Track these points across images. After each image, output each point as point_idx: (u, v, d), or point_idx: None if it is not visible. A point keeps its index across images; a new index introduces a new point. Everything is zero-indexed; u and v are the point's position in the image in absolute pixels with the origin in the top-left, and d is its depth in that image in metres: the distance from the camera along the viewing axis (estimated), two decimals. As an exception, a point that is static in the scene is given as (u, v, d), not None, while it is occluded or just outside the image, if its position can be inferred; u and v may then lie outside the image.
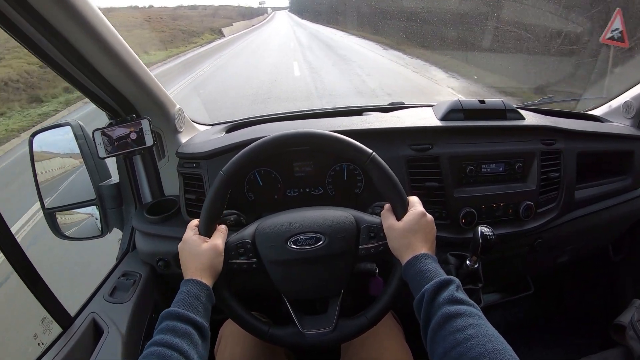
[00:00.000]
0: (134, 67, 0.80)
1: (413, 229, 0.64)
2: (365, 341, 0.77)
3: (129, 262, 0.96)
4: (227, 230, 0.70)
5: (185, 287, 0.60)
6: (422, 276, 0.59)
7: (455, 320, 0.52)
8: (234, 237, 0.68)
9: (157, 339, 0.53)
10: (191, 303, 0.58)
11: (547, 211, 1.00)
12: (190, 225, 0.69)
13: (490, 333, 0.51)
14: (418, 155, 0.91)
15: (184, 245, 0.66)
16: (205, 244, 0.65)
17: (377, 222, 0.68)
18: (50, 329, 0.76)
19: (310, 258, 0.65)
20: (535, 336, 1.35)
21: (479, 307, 0.56)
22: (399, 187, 0.66)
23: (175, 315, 0.56)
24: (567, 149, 1.02)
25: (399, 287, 0.66)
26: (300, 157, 0.94)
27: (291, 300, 0.68)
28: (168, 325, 0.55)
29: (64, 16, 0.63)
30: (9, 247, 0.67)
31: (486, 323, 0.52)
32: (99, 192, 0.96)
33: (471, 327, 0.51)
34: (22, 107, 7.07)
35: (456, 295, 0.55)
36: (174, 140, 0.97)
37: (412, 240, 0.63)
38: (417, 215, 0.65)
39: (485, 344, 0.49)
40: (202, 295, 0.60)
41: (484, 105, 0.99)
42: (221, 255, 0.65)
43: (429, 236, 0.65)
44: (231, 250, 0.67)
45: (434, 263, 0.61)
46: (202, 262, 0.63)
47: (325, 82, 7.50)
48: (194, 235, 0.66)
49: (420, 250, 0.62)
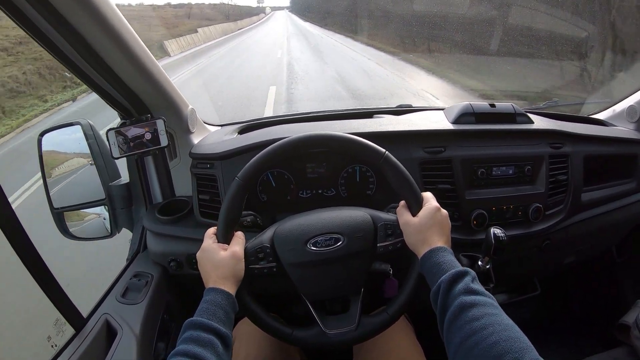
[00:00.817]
0: (149, 67, 0.79)
1: (428, 223, 0.65)
2: (377, 340, 0.78)
3: (140, 263, 0.96)
4: (244, 236, 0.69)
5: (208, 296, 0.60)
6: (439, 268, 0.60)
7: (470, 310, 0.53)
8: (253, 242, 0.68)
9: (180, 348, 0.53)
10: (214, 312, 0.58)
11: (555, 213, 1.02)
12: (208, 233, 0.69)
13: (506, 322, 0.52)
14: (431, 157, 0.92)
15: (203, 254, 0.66)
16: (225, 252, 0.65)
17: (394, 220, 0.69)
18: (64, 330, 0.75)
19: (330, 259, 0.66)
20: (540, 336, 1.36)
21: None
22: (412, 183, 0.67)
23: (199, 325, 0.56)
24: (574, 152, 1.03)
25: (417, 282, 0.67)
26: (313, 159, 0.94)
27: (312, 302, 0.68)
28: (192, 335, 0.55)
29: (81, 14, 0.62)
30: (23, 249, 0.66)
31: (501, 313, 0.53)
32: (109, 192, 0.95)
33: (486, 317, 0.52)
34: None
35: (472, 286, 0.56)
36: (186, 141, 0.97)
37: (428, 235, 0.64)
38: (432, 210, 0.66)
39: (500, 333, 0.49)
40: (225, 304, 0.60)
41: (494, 109, 1.00)
42: (242, 262, 0.65)
43: (445, 230, 0.66)
44: (251, 256, 0.67)
45: (449, 255, 0.62)
46: (223, 271, 0.63)
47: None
48: (213, 244, 0.66)
49: (436, 243, 0.63)
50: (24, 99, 7.21)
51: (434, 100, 5.84)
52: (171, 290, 0.95)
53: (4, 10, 0.58)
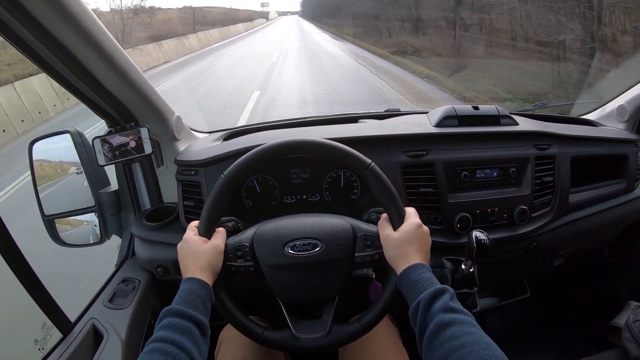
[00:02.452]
0: (133, 76, 0.81)
1: (409, 239, 0.65)
2: (361, 343, 0.78)
3: (128, 269, 0.97)
4: (225, 233, 0.71)
5: (185, 285, 0.61)
6: (417, 285, 0.60)
7: (449, 328, 0.53)
8: (233, 239, 0.70)
9: (158, 335, 0.54)
10: (192, 300, 0.59)
11: (541, 215, 1.01)
12: (191, 225, 0.70)
13: (485, 340, 0.52)
14: (413, 161, 0.92)
15: (183, 245, 0.68)
16: (206, 244, 0.66)
17: (374, 231, 0.69)
18: (51, 334, 0.77)
19: (306, 263, 0.66)
20: (531, 339, 1.36)
21: (475, 310, 0.57)
22: (396, 197, 0.68)
23: (176, 312, 0.57)
24: (561, 153, 1.03)
25: (393, 294, 0.67)
26: (298, 164, 0.95)
27: (286, 304, 0.69)
28: (170, 321, 0.56)
29: (62, 24, 0.64)
30: (9, 253, 0.68)
31: (480, 331, 0.54)
32: (98, 199, 0.97)
33: (465, 335, 0.52)
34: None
35: (450, 304, 0.56)
36: (173, 148, 0.98)
37: (407, 250, 0.64)
38: (414, 226, 0.66)
39: (479, 351, 0.50)
40: (202, 293, 0.61)
41: (477, 112, 1.00)
42: (221, 255, 0.67)
43: (424, 247, 0.66)
44: (229, 253, 0.68)
45: (428, 272, 0.62)
46: (202, 261, 0.64)
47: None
48: (194, 236, 0.67)
49: (414, 260, 0.63)
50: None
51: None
52: (158, 296, 0.97)
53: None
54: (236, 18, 37.29)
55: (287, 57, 14.50)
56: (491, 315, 1.45)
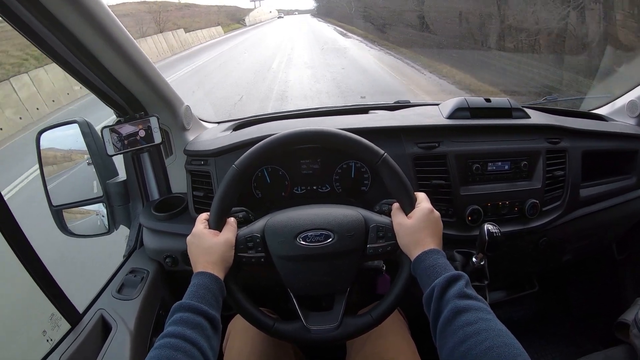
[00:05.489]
0: (143, 65, 0.80)
1: (422, 225, 0.64)
2: (370, 335, 0.78)
3: (136, 259, 0.97)
4: (236, 224, 0.70)
5: (196, 280, 0.60)
6: (432, 271, 0.60)
7: (464, 314, 0.53)
8: (244, 230, 0.69)
9: (169, 330, 0.53)
10: (203, 295, 0.58)
11: (552, 209, 1.00)
12: (200, 218, 0.69)
13: (499, 328, 0.52)
14: (425, 153, 0.92)
15: (193, 239, 0.66)
16: (216, 238, 0.65)
17: (386, 223, 0.68)
18: (59, 325, 0.77)
19: (318, 255, 0.66)
20: (539, 334, 1.35)
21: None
22: (408, 186, 0.67)
23: (188, 307, 0.56)
24: (572, 147, 1.02)
25: (405, 286, 0.67)
26: (308, 155, 0.95)
27: (297, 296, 0.69)
28: (181, 317, 0.55)
29: (73, 14, 0.63)
30: (19, 245, 0.67)
31: (494, 318, 0.53)
32: (106, 190, 0.96)
33: (480, 322, 0.52)
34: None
35: (465, 291, 0.56)
36: (182, 138, 0.98)
37: (421, 236, 0.64)
38: (425, 211, 0.65)
39: (494, 338, 0.49)
40: (214, 288, 0.60)
41: (490, 104, 0.99)
42: (232, 249, 0.66)
43: (438, 232, 0.66)
44: (240, 244, 0.67)
45: (443, 258, 0.62)
46: (213, 256, 0.63)
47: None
48: (204, 229, 0.66)
49: (429, 245, 0.63)
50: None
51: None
52: (167, 286, 0.96)
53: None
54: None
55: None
56: (499, 309, 1.44)
